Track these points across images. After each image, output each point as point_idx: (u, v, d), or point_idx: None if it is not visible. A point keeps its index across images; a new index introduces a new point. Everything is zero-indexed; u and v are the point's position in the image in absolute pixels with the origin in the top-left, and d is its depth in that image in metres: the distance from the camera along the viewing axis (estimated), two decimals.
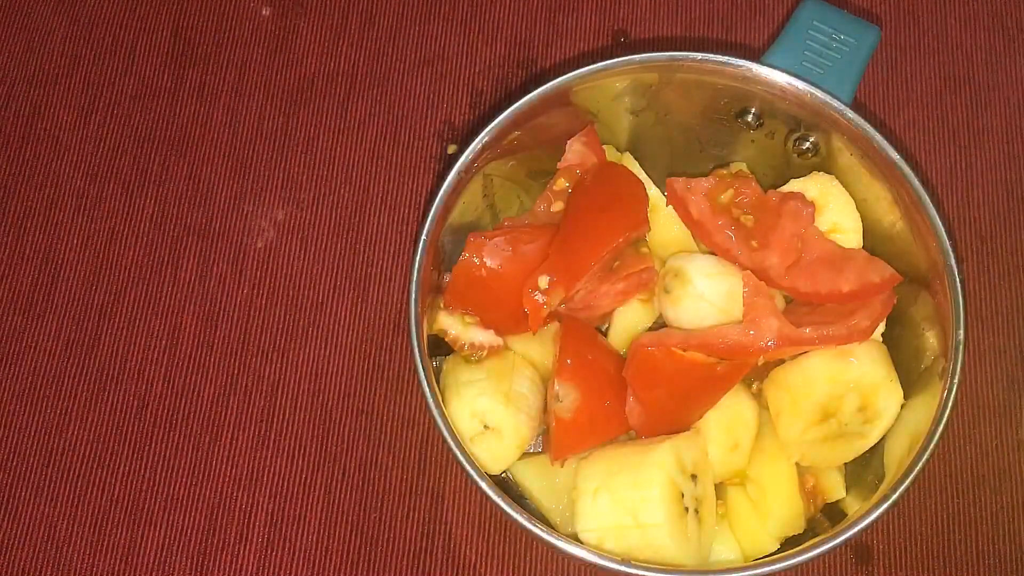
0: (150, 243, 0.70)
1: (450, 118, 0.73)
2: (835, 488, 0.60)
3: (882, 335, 0.59)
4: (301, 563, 0.63)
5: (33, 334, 0.67)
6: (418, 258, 0.56)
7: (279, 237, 0.70)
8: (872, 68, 0.64)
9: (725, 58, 0.58)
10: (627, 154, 0.64)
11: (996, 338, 0.67)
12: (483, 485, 0.53)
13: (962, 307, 0.55)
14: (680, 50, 0.58)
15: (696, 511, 0.55)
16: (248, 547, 0.63)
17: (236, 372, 0.67)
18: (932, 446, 0.54)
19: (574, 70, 0.58)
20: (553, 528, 0.54)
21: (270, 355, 0.67)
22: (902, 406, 0.58)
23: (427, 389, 0.55)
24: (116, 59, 0.74)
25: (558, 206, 0.60)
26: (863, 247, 0.60)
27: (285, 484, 0.64)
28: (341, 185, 0.71)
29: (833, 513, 0.60)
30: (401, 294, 0.68)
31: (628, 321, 0.61)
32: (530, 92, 0.57)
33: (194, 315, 0.68)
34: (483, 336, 0.60)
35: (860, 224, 0.60)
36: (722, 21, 0.75)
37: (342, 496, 0.64)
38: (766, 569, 0.53)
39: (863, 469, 0.60)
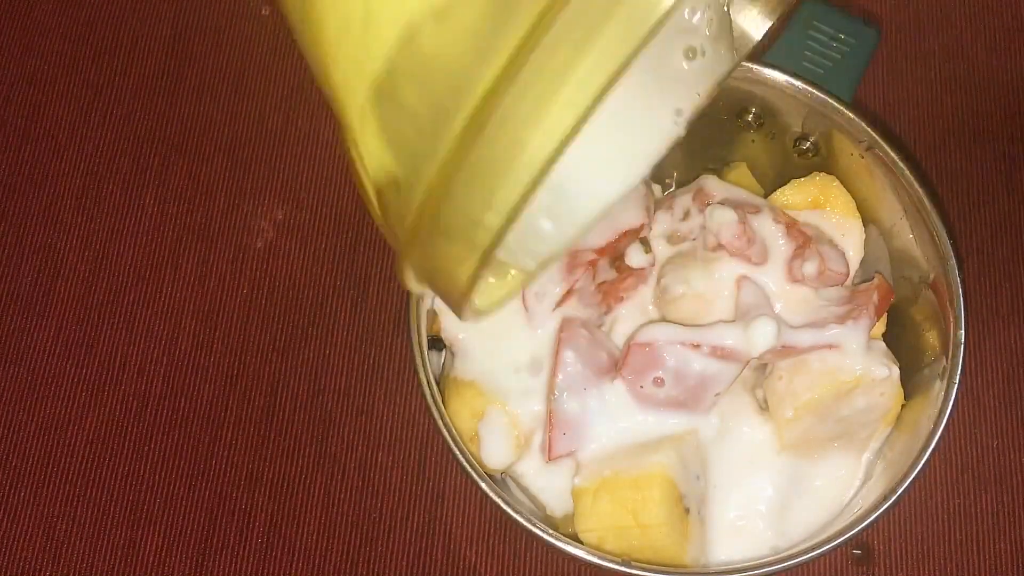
0: (150, 243, 0.70)
1: None
2: None
3: (882, 335, 0.59)
4: (301, 563, 0.63)
5: (33, 334, 0.67)
6: None
7: (279, 237, 0.70)
8: (872, 68, 0.64)
9: None
10: None
11: (996, 338, 0.67)
12: (483, 485, 0.53)
13: (962, 307, 0.55)
14: None
15: (697, 511, 0.55)
16: (248, 547, 0.63)
17: (236, 372, 0.67)
18: (932, 446, 0.54)
19: None
20: (553, 528, 0.54)
21: (270, 355, 0.67)
22: (902, 406, 0.58)
23: (427, 389, 0.55)
24: (115, 59, 0.74)
25: None
26: (863, 247, 0.60)
27: (285, 484, 0.64)
28: (341, 185, 0.71)
29: None
30: (401, 294, 0.68)
31: (628, 320, 0.61)
32: None
33: (194, 315, 0.68)
34: None
35: (861, 224, 0.60)
36: None
37: (341, 496, 0.64)
38: (766, 569, 0.53)
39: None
